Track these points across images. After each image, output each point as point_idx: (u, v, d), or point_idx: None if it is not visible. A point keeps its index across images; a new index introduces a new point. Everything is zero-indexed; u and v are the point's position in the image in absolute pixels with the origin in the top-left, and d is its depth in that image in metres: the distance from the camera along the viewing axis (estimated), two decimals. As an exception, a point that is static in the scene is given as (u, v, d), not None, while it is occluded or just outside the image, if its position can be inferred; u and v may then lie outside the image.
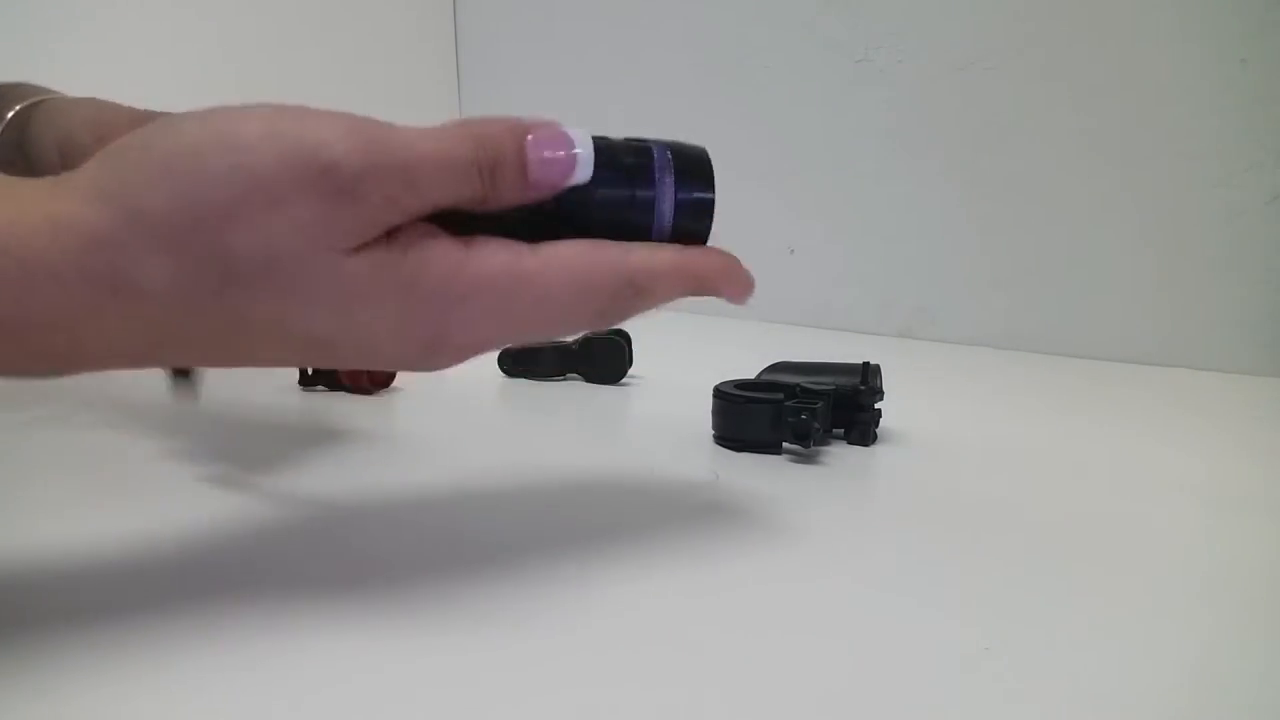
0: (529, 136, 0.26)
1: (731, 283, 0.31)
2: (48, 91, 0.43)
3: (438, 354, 0.27)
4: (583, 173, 0.27)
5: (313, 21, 0.98)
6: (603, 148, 0.28)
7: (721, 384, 0.48)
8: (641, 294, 0.28)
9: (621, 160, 0.29)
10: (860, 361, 0.48)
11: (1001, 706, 0.24)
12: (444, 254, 0.25)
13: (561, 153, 0.27)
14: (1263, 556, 0.36)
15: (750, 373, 0.51)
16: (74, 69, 0.75)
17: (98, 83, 0.44)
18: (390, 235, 0.25)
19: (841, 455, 0.47)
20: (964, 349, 0.83)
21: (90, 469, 0.41)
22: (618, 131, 0.30)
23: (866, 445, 0.48)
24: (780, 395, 0.46)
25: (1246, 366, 0.74)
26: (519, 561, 0.32)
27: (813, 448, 0.46)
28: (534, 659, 0.26)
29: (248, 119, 0.23)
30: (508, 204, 0.27)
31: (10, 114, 0.41)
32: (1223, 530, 0.39)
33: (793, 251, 0.95)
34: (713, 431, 0.48)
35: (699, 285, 0.30)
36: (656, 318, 0.34)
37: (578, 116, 0.27)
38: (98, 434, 0.45)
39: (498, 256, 0.26)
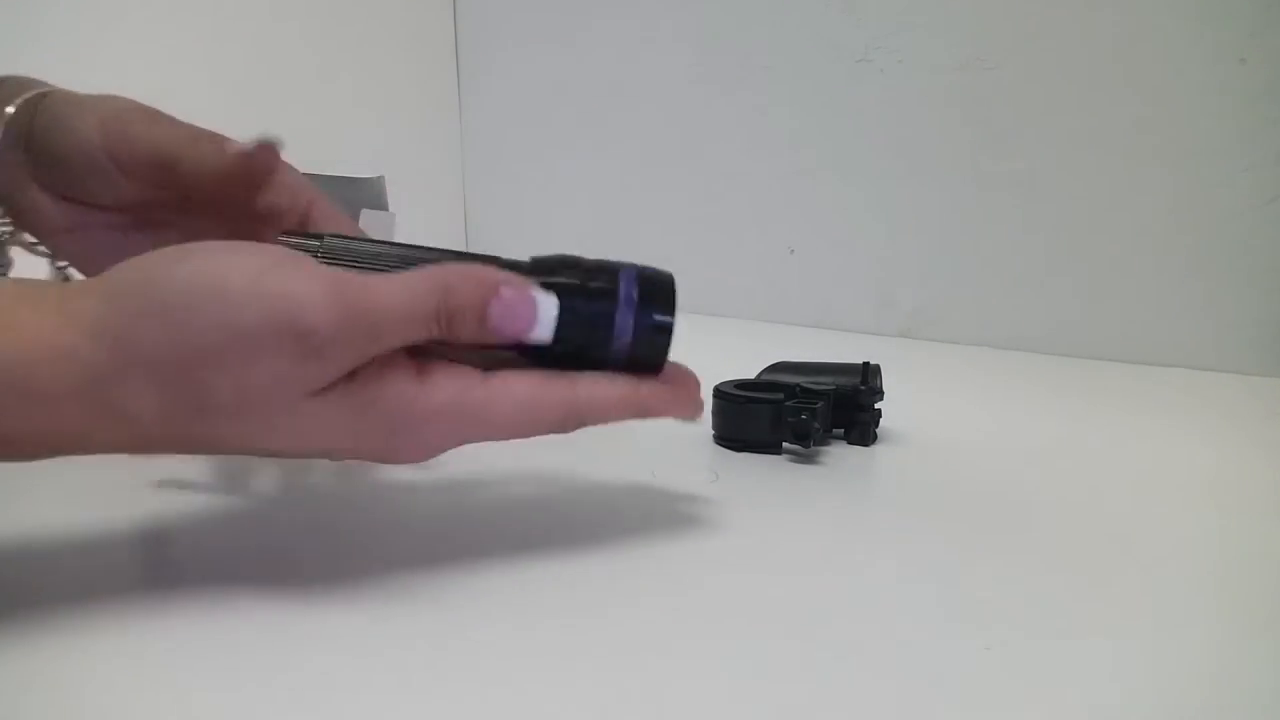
0: (496, 296, 0.29)
1: (679, 410, 0.33)
2: (42, 84, 0.43)
3: (390, 462, 0.30)
4: (541, 335, 0.29)
5: (312, 21, 0.98)
6: (569, 277, 0.30)
7: (721, 384, 0.48)
8: (586, 424, 0.31)
9: (587, 286, 0.30)
10: (860, 361, 0.48)
11: (1001, 707, 0.24)
12: (398, 387, 0.28)
13: (524, 317, 0.29)
14: (1264, 556, 0.36)
15: (750, 373, 0.51)
16: (72, 67, 0.75)
17: (96, 81, 0.44)
18: (353, 371, 0.27)
19: (841, 455, 0.47)
20: (964, 349, 0.83)
21: (82, 464, 0.41)
22: (616, 130, 0.30)
23: (866, 445, 0.48)
24: (780, 395, 0.46)
25: (1246, 366, 0.73)
26: (518, 561, 0.32)
27: (813, 448, 0.46)
28: (533, 658, 0.26)
29: (236, 271, 0.26)
30: (464, 342, 0.29)
31: (11, 108, 0.41)
32: (1224, 530, 0.39)
33: (793, 251, 0.95)
34: (713, 431, 0.48)
35: (645, 414, 0.32)
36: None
37: (578, 116, 0.27)
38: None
39: (447, 389, 0.29)
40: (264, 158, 0.37)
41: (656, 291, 0.31)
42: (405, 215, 0.65)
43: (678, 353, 0.32)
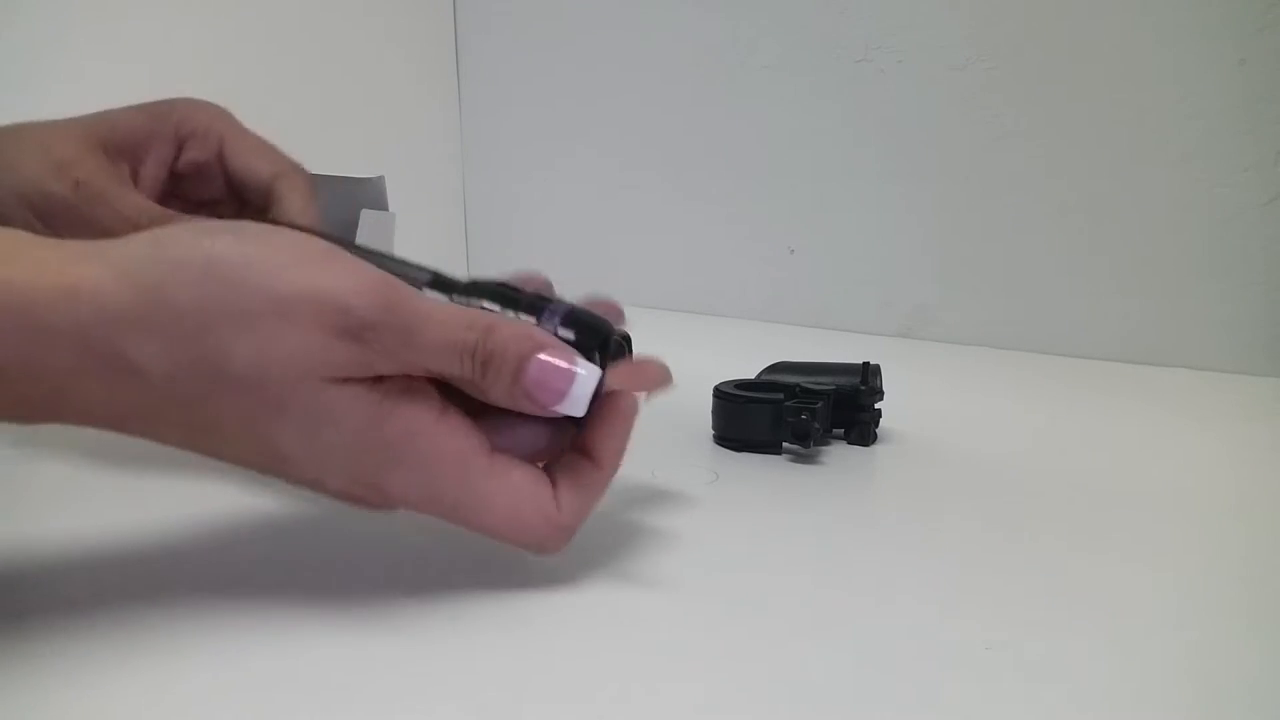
0: (538, 354, 0.28)
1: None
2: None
3: (372, 500, 0.29)
4: (574, 408, 0.28)
5: (312, 21, 0.98)
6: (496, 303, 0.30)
7: (721, 384, 0.48)
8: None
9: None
10: (860, 361, 0.48)
11: (1001, 706, 0.24)
12: (414, 414, 0.27)
13: (558, 386, 0.28)
14: (1264, 556, 0.36)
15: (750, 373, 0.51)
16: (72, 65, 0.75)
17: (97, 79, 0.44)
18: (379, 378, 0.27)
19: (841, 455, 0.47)
20: (964, 349, 0.83)
21: (86, 466, 0.41)
22: (616, 130, 0.30)
23: (866, 445, 0.48)
24: (780, 395, 0.46)
25: (1246, 366, 0.73)
26: (518, 561, 0.32)
27: (813, 448, 0.46)
28: (532, 658, 0.26)
29: (288, 249, 0.26)
30: (495, 400, 0.28)
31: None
32: (1224, 530, 0.39)
33: (793, 251, 0.95)
34: (713, 431, 0.48)
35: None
36: (656, 318, 0.34)
37: (578, 116, 0.28)
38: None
39: (454, 443, 0.28)
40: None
41: (587, 330, 0.30)
42: (405, 215, 0.65)
43: (678, 353, 0.32)
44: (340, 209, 0.61)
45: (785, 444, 0.46)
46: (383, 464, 0.27)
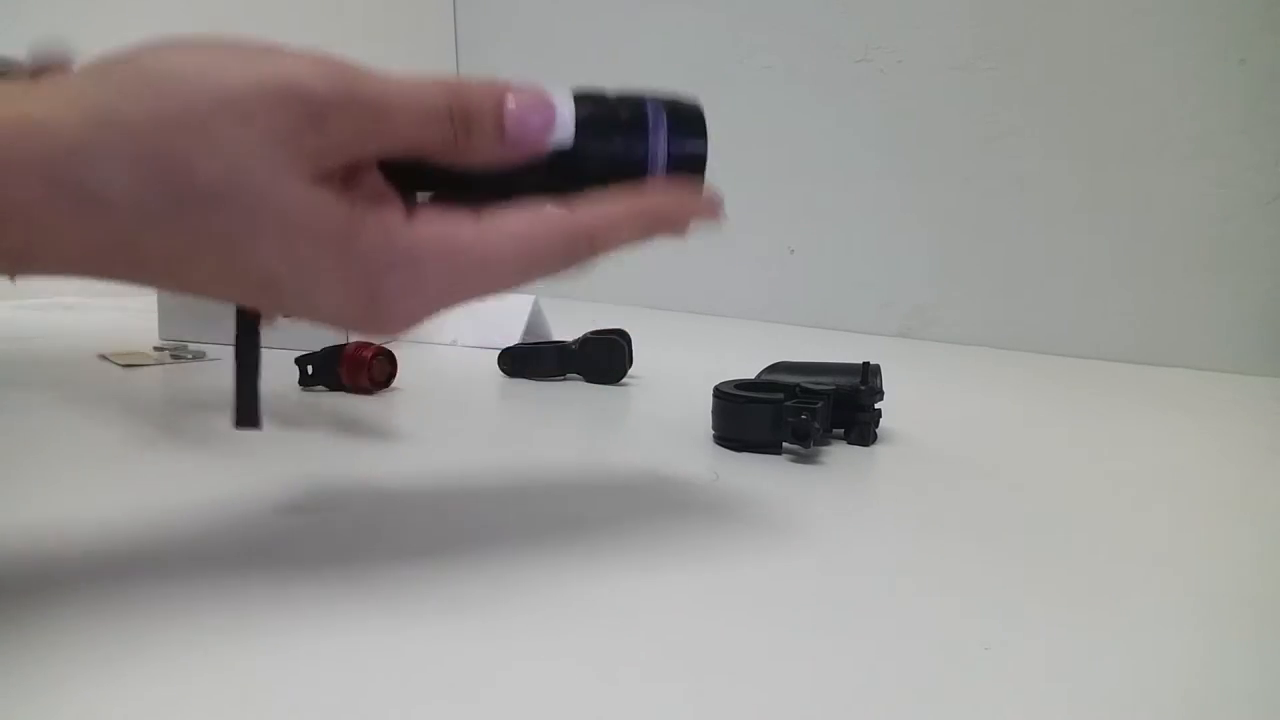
0: (508, 95, 0.27)
1: (696, 209, 0.30)
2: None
3: (377, 317, 0.27)
4: (561, 135, 0.27)
5: (312, 21, 0.98)
6: (594, 104, 0.28)
7: (721, 384, 0.48)
8: (598, 250, 0.28)
9: (615, 116, 0.29)
10: (860, 361, 0.48)
11: (1001, 706, 0.24)
12: (384, 218, 0.26)
13: (540, 115, 0.27)
14: (1264, 556, 0.36)
15: (750, 373, 0.51)
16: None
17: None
18: (348, 183, 0.25)
19: (841, 455, 0.47)
20: (964, 349, 0.83)
21: (89, 458, 0.41)
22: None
23: (866, 445, 0.48)
24: (780, 395, 0.46)
25: (1246, 366, 0.74)
26: (518, 561, 0.32)
27: (813, 448, 0.46)
28: (533, 657, 0.26)
29: (231, 50, 0.25)
30: (483, 160, 0.27)
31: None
32: (1224, 530, 0.39)
33: (793, 251, 0.95)
34: (713, 431, 0.48)
35: (657, 225, 0.29)
36: (656, 318, 0.34)
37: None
38: (96, 423, 0.45)
39: (433, 227, 0.26)
40: None
41: (686, 119, 0.29)
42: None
43: (678, 353, 0.32)
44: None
45: (785, 444, 0.46)
46: (371, 275, 0.26)
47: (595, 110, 0.28)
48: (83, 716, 0.22)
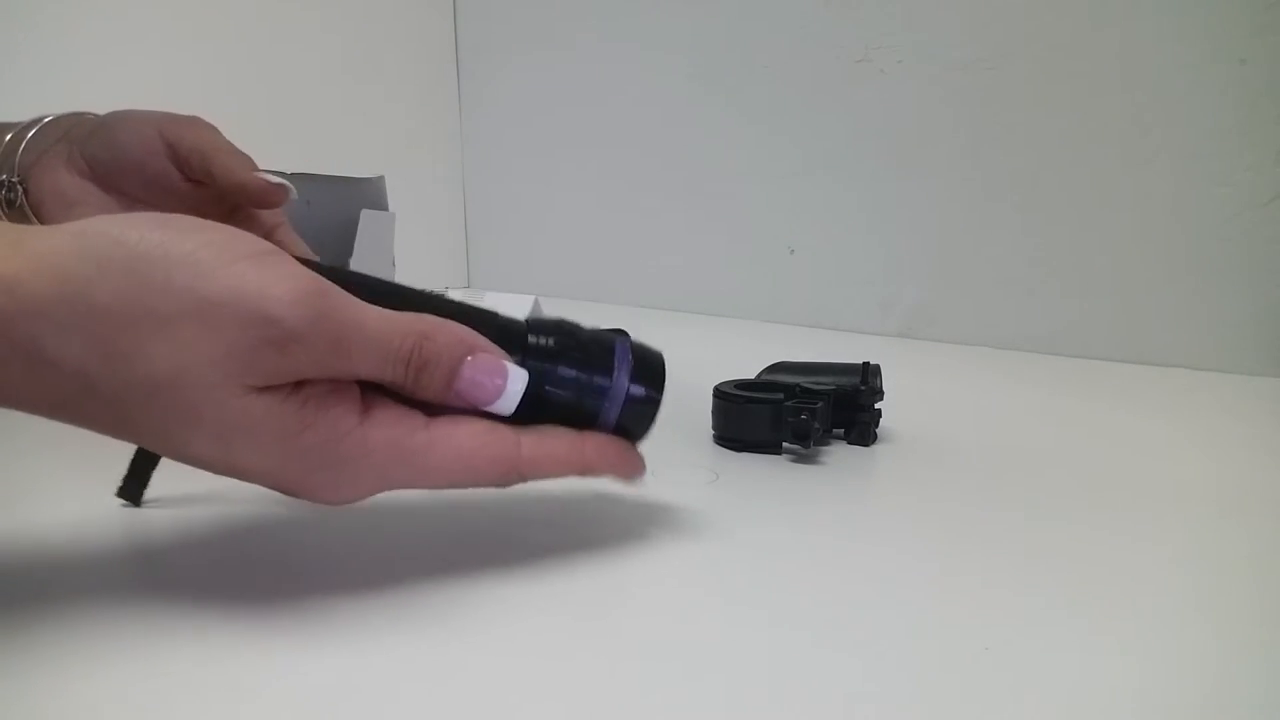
0: (469, 357, 0.28)
1: (622, 469, 0.32)
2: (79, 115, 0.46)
3: (303, 494, 0.28)
4: (505, 407, 0.29)
5: (313, 22, 0.98)
6: (565, 336, 0.31)
7: (721, 384, 0.48)
8: (528, 477, 0.30)
9: (585, 350, 0.31)
10: (860, 361, 0.48)
11: (1001, 706, 0.24)
12: (335, 420, 0.27)
13: (490, 385, 0.29)
14: (1265, 557, 0.36)
15: (750, 373, 0.51)
16: (73, 65, 0.75)
17: (97, 79, 0.44)
18: (300, 384, 0.26)
19: (841, 455, 0.47)
20: (964, 349, 0.83)
21: (85, 460, 0.41)
22: (616, 131, 0.30)
23: (866, 445, 0.48)
24: (780, 395, 0.46)
25: (1246, 366, 0.74)
26: (518, 560, 0.32)
27: (813, 448, 0.46)
28: (532, 657, 0.26)
29: (216, 248, 0.25)
30: (429, 400, 0.28)
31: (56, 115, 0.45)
32: (1225, 531, 0.39)
33: (793, 251, 0.95)
34: (713, 431, 0.48)
35: (588, 472, 0.31)
36: (656, 318, 0.34)
37: (578, 116, 0.28)
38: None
39: (388, 429, 0.28)
40: (277, 194, 0.43)
41: (649, 368, 0.32)
42: (405, 215, 0.65)
43: (679, 353, 0.32)
44: (340, 209, 0.61)
45: (785, 444, 0.46)
46: (306, 470, 0.27)
47: (564, 343, 0.31)
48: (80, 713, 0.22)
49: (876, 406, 0.49)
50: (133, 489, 0.35)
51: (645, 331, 0.40)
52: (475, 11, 1.15)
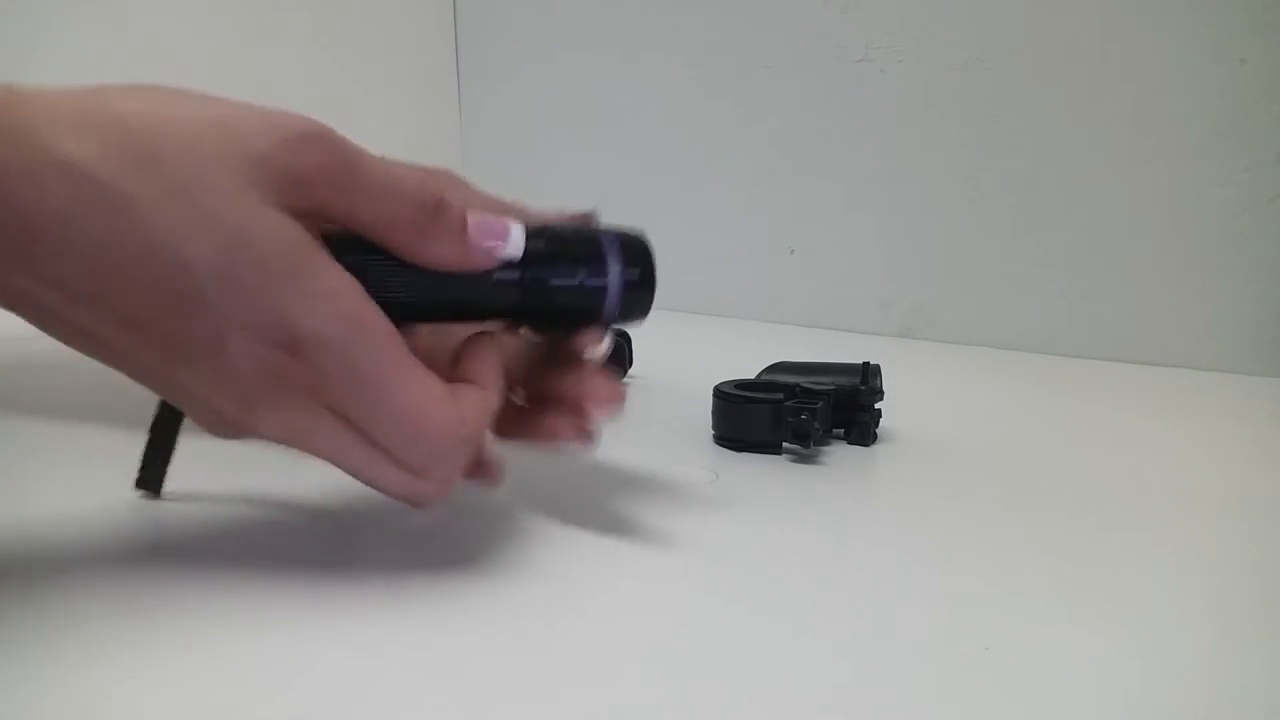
0: (471, 210, 0.29)
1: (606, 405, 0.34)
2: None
3: (277, 368, 0.26)
4: (512, 252, 0.30)
5: (313, 21, 0.98)
6: (557, 238, 0.32)
7: (721, 384, 0.48)
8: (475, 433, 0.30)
9: (573, 249, 0.32)
10: (860, 361, 0.48)
11: (1001, 706, 0.24)
12: (343, 276, 0.26)
13: (499, 230, 0.29)
14: (1265, 557, 0.36)
15: (750, 373, 0.51)
16: (72, 65, 0.75)
17: (97, 79, 0.44)
18: (315, 228, 0.26)
19: (841, 455, 0.47)
20: (964, 349, 0.83)
21: (80, 459, 0.41)
22: (616, 130, 0.31)
23: (866, 445, 0.48)
24: (780, 395, 0.46)
25: (1246, 366, 0.74)
26: (517, 560, 0.32)
27: (813, 448, 0.46)
28: (531, 657, 0.26)
29: (202, 102, 0.26)
30: (439, 258, 0.28)
31: None
32: (1225, 531, 0.39)
33: (793, 251, 0.95)
34: (713, 431, 0.48)
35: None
36: (656, 318, 0.34)
37: (578, 116, 0.28)
38: (85, 425, 0.45)
39: (379, 319, 0.27)
40: None
41: (637, 251, 0.33)
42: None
43: (678, 352, 0.32)
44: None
45: (785, 444, 0.46)
46: (298, 312, 0.25)
47: (555, 246, 0.32)
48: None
49: (876, 406, 0.49)
50: (151, 478, 0.34)
51: (645, 331, 0.40)
52: (475, 11, 1.15)
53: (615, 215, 0.36)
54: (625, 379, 0.61)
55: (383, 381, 0.27)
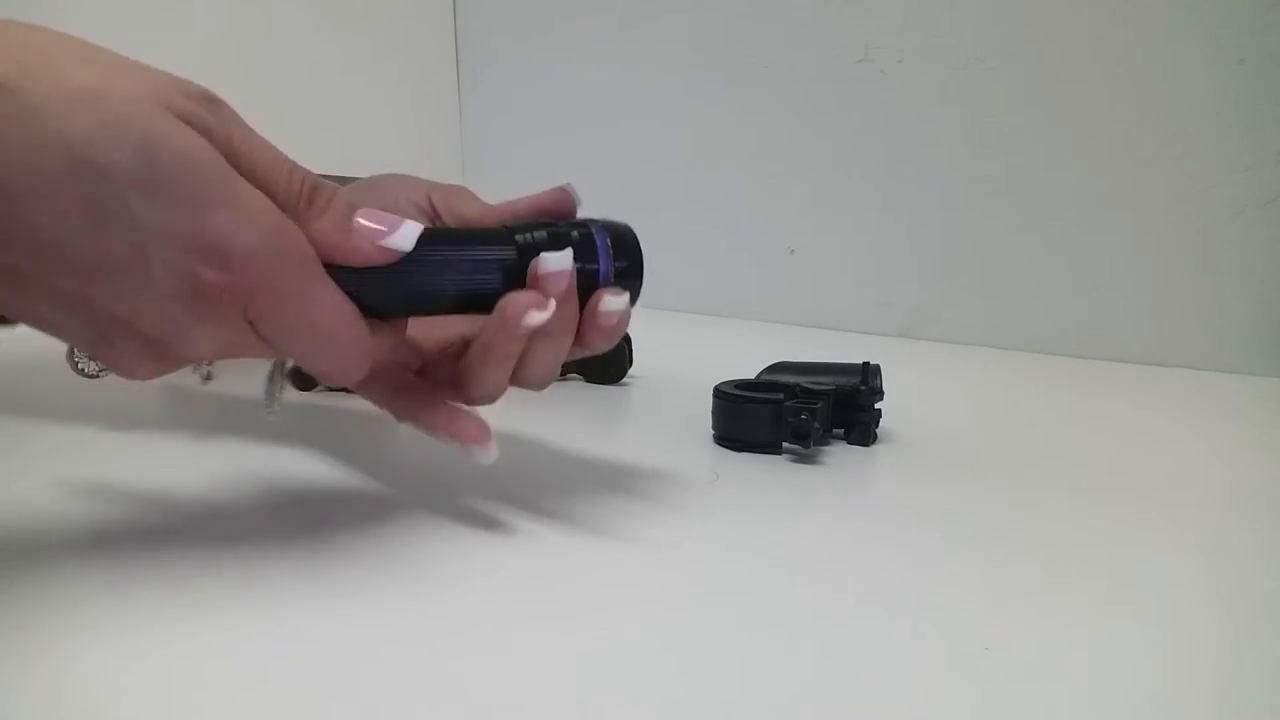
0: (363, 208, 0.29)
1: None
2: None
3: (200, 267, 0.25)
4: (400, 240, 0.29)
5: (313, 22, 0.98)
6: (551, 231, 0.33)
7: (721, 384, 0.48)
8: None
9: (564, 239, 0.33)
10: (860, 361, 0.48)
11: (1001, 706, 0.24)
12: (255, 191, 0.26)
13: (389, 218, 0.29)
14: (1264, 556, 0.36)
15: (750, 373, 0.51)
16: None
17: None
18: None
19: (841, 455, 0.47)
20: (964, 349, 0.83)
21: (81, 458, 0.41)
22: (616, 131, 0.31)
23: (866, 445, 0.48)
24: (780, 395, 0.46)
25: (1246, 366, 0.74)
26: (517, 560, 0.32)
27: (813, 448, 0.46)
28: (530, 656, 0.26)
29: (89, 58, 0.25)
30: (320, 235, 0.28)
31: None
32: (1224, 530, 0.39)
33: (793, 251, 0.95)
34: (713, 431, 0.48)
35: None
36: (656, 318, 0.34)
37: (578, 116, 0.28)
38: (90, 426, 0.45)
39: (294, 229, 0.27)
40: None
41: (624, 243, 0.35)
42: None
43: (678, 352, 0.32)
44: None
45: (785, 444, 0.46)
46: (227, 224, 0.25)
47: (549, 239, 0.33)
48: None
49: (876, 406, 0.49)
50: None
51: (646, 331, 0.40)
52: (475, 10, 1.15)
53: (615, 215, 0.37)
54: (625, 379, 0.61)
55: (305, 298, 0.27)
